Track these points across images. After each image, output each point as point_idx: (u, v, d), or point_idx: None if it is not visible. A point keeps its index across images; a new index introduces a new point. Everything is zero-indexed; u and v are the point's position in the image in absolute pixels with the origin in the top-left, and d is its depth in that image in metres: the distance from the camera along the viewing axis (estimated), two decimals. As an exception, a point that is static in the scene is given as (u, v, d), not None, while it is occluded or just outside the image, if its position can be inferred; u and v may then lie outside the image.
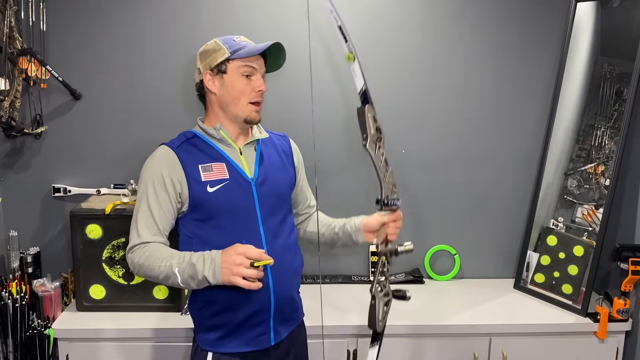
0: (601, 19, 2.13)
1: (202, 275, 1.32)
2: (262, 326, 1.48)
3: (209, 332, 1.48)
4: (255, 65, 1.46)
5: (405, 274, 2.32)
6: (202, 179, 1.43)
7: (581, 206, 2.14)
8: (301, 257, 1.61)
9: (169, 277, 1.37)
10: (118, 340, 1.85)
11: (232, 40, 1.47)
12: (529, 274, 2.24)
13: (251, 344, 1.47)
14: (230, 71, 1.45)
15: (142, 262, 1.40)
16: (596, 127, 2.12)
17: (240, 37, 1.49)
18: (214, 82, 1.48)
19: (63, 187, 2.14)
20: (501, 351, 1.94)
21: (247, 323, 1.46)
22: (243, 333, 1.46)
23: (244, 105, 1.46)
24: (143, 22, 2.10)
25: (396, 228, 1.44)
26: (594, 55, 2.15)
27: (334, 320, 1.91)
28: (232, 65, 1.45)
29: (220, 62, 1.45)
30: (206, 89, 1.50)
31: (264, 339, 1.48)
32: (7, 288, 1.95)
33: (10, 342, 1.94)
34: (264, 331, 1.48)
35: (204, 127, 1.52)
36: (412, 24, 2.18)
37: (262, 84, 1.47)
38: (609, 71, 2.09)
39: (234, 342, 1.47)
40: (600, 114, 2.11)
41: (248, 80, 1.45)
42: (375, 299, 1.37)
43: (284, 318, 1.52)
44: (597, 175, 2.11)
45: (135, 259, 1.41)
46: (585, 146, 2.16)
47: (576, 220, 2.16)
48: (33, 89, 2.06)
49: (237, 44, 1.46)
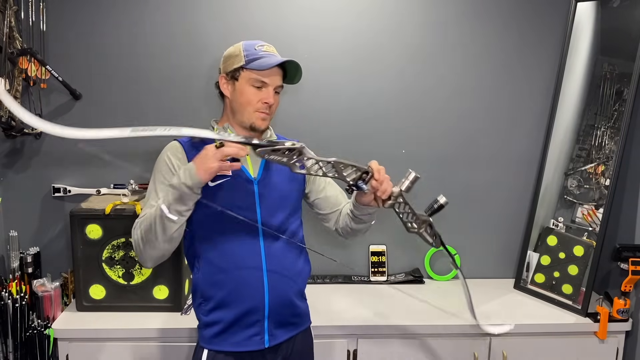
0: (601, 19, 2.13)
1: (182, 184, 1.30)
2: (256, 326, 1.48)
3: (205, 329, 1.50)
4: (266, 80, 1.44)
5: (405, 274, 2.32)
6: None
7: (581, 206, 2.14)
8: (307, 262, 1.59)
9: (161, 220, 1.33)
10: (118, 340, 1.85)
11: (254, 48, 1.46)
12: (529, 274, 2.24)
13: (244, 344, 1.47)
14: (241, 79, 1.46)
15: (139, 231, 1.38)
16: (596, 127, 2.12)
17: (264, 46, 1.48)
18: (227, 87, 1.50)
19: (63, 187, 2.14)
20: (501, 351, 1.94)
21: (241, 322, 1.46)
22: (236, 332, 1.47)
23: (250, 113, 1.46)
24: (143, 22, 2.10)
25: (384, 186, 1.38)
26: (594, 55, 2.15)
27: (334, 320, 1.91)
28: (245, 75, 1.45)
29: (235, 69, 1.46)
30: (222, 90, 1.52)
31: (258, 340, 1.48)
32: (7, 288, 1.95)
33: (10, 342, 1.94)
34: (257, 332, 1.48)
35: (214, 127, 1.54)
36: (412, 24, 2.18)
37: (269, 96, 1.45)
38: (609, 71, 2.09)
39: (228, 341, 1.47)
40: (600, 114, 2.11)
41: (258, 90, 1.45)
42: (418, 233, 1.48)
43: (280, 321, 1.51)
44: (597, 175, 2.11)
45: (134, 236, 1.40)
46: (585, 146, 2.16)
47: (576, 220, 2.16)
48: (33, 89, 2.06)
49: (256, 53, 1.45)
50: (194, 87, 2.14)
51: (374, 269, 2.31)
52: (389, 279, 2.30)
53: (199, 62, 2.11)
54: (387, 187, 1.38)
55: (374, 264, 2.31)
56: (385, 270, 2.31)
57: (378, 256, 2.31)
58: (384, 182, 1.38)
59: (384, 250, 2.32)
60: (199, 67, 2.11)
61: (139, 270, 1.94)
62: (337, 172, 1.35)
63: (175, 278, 1.94)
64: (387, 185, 1.39)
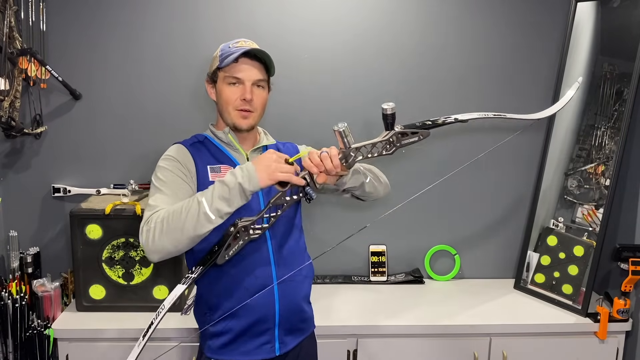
0: (601, 19, 2.13)
1: (237, 184, 1.22)
2: (266, 335, 1.45)
3: (212, 339, 1.46)
4: (239, 75, 1.42)
5: (405, 274, 2.32)
6: (209, 179, 1.43)
7: (581, 206, 2.14)
8: (310, 264, 1.56)
9: (196, 215, 1.22)
10: (118, 340, 1.85)
11: (228, 47, 1.45)
12: (529, 274, 2.24)
13: (255, 353, 1.45)
14: (219, 80, 1.46)
15: (163, 217, 1.26)
16: (596, 127, 2.12)
17: (239, 42, 1.46)
18: (212, 91, 1.51)
19: (63, 187, 2.14)
20: (501, 351, 1.94)
21: (251, 331, 1.44)
22: (246, 341, 1.44)
23: (231, 112, 1.45)
24: (143, 22, 2.10)
25: (322, 164, 1.28)
26: (594, 55, 2.15)
27: (334, 321, 1.91)
28: (220, 75, 1.46)
29: (213, 71, 1.47)
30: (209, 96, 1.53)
31: (268, 348, 1.46)
32: (7, 288, 1.94)
33: (10, 342, 1.93)
34: (268, 340, 1.45)
35: (214, 131, 1.53)
36: (412, 24, 2.18)
37: (245, 92, 1.43)
38: (609, 71, 2.09)
39: (238, 350, 1.44)
40: (600, 114, 2.11)
41: (234, 87, 1.44)
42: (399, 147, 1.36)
43: (290, 328, 1.49)
44: (597, 175, 2.11)
45: (153, 222, 1.27)
46: (585, 146, 2.16)
47: (576, 220, 2.16)
48: (33, 89, 2.06)
49: (229, 50, 1.43)
50: (195, 87, 2.13)
51: (374, 269, 2.31)
52: (389, 279, 2.30)
53: (199, 62, 2.11)
54: (328, 164, 1.27)
55: (374, 264, 2.31)
56: (385, 270, 2.31)
57: (378, 256, 2.31)
58: (322, 162, 1.27)
59: (384, 250, 2.32)
60: (200, 67, 2.11)
61: (139, 270, 1.94)
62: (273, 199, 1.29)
63: (175, 278, 1.94)
64: (327, 161, 1.28)
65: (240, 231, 1.27)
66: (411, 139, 1.37)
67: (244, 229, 1.27)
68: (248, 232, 1.28)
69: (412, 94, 2.23)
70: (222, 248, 1.27)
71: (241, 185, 1.23)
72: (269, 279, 1.43)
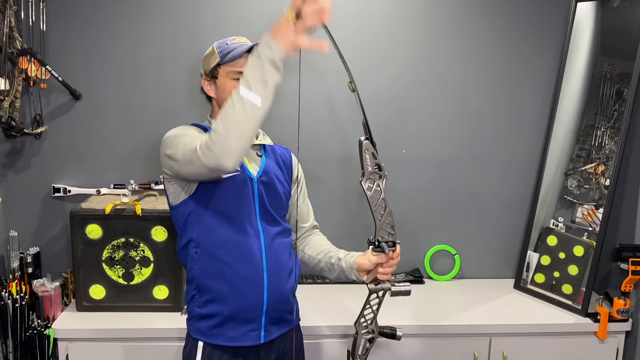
0: (601, 19, 2.13)
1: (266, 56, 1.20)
2: (254, 322, 1.48)
3: (200, 321, 1.49)
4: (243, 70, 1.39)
5: (405, 274, 2.32)
6: None
7: (581, 206, 2.14)
8: (298, 260, 1.62)
9: (242, 100, 1.22)
10: (118, 340, 1.85)
11: (226, 44, 1.48)
12: (529, 274, 2.24)
13: (241, 339, 1.48)
14: (220, 76, 1.48)
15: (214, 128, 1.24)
16: (596, 127, 2.12)
17: (235, 39, 1.49)
18: (210, 87, 1.53)
19: (63, 187, 2.14)
20: (501, 351, 1.94)
21: (239, 317, 1.47)
22: (234, 327, 1.47)
23: None
24: (143, 22, 2.10)
25: (389, 267, 1.46)
26: (594, 55, 2.15)
27: (333, 321, 1.91)
28: (222, 70, 1.47)
29: (213, 67, 1.48)
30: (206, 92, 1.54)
31: (254, 335, 1.49)
32: (7, 288, 1.95)
33: (10, 342, 1.94)
34: (254, 327, 1.48)
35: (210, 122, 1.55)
36: (412, 25, 2.18)
37: None
38: (609, 71, 2.09)
39: (224, 335, 1.47)
40: (600, 114, 2.11)
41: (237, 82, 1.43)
42: (357, 334, 1.44)
43: (276, 317, 1.52)
44: (597, 175, 2.11)
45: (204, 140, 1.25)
46: (585, 146, 2.16)
47: (576, 220, 2.16)
48: (33, 89, 2.06)
49: (229, 47, 1.46)
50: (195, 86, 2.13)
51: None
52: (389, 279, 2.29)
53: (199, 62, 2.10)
54: (390, 270, 1.46)
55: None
56: (385, 270, 2.30)
57: (378, 256, 2.31)
58: (393, 264, 1.46)
59: (384, 250, 2.31)
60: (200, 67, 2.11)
61: (139, 270, 1.94)
62: (382, 217, 1.37)
63: (175, 278, 1.94)
64: (391, 269, 1.46)
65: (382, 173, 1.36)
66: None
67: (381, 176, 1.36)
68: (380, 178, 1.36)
69: (411, 94, 2.22)
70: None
71: (269, 58, 1.21)
72: (259, 266, 1.46)
